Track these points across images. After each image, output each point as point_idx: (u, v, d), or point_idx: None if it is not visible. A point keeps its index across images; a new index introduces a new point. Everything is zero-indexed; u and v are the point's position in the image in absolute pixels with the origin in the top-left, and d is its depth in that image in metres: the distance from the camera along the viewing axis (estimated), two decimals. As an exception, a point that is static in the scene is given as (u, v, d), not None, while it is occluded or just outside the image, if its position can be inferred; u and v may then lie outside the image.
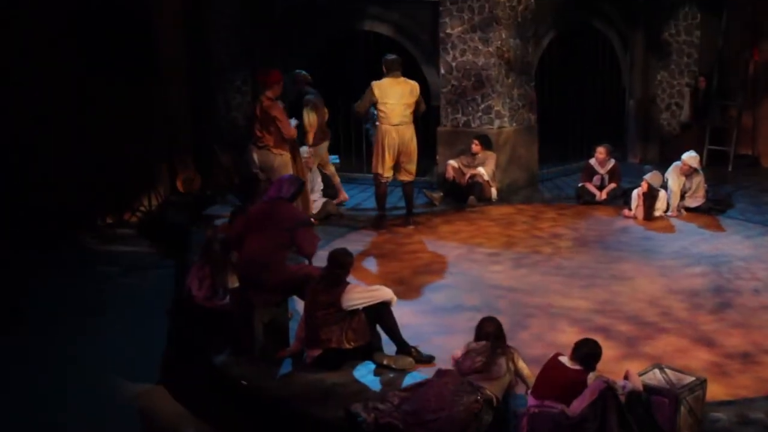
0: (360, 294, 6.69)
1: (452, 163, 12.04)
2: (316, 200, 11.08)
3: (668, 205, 11.16)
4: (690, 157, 11.23)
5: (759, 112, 14.05)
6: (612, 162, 12.09)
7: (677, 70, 14.57)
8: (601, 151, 12.00)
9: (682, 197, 11.27)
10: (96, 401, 6.96)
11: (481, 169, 11.86)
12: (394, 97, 10.34)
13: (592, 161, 12.08)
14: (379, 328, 6.83)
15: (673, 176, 11.21)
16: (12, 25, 9.94)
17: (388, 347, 6.84)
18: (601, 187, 11.92)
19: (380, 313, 6.74)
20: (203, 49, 12.99)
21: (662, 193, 11.12)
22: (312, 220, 9.81)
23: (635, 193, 11.15)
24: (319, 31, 13.46)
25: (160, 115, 11.58)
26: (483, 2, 12.02)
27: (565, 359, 5.75)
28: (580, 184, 12.09)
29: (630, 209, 11.18)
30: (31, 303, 8.77)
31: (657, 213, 11.07)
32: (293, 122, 10.28)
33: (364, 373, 6.66)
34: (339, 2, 13.25)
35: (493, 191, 12.00)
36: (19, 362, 7.52)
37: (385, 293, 6.79)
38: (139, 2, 11.31)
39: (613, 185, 11.91)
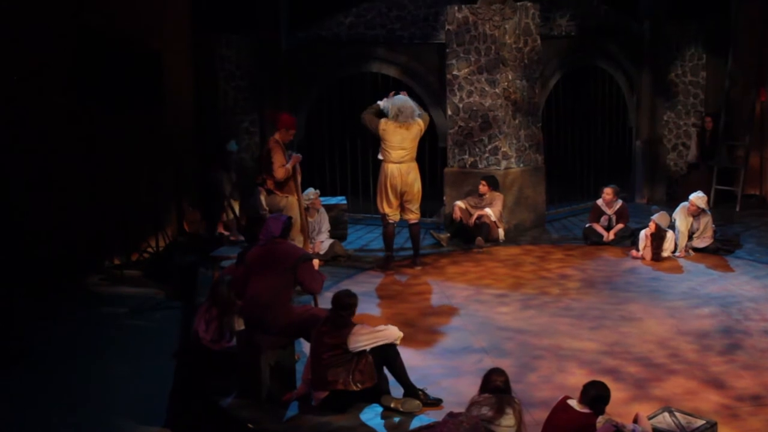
0: (367, 335, 6.66)
1: (459, 203, 12.05)
2: (324, 241, 11.10)
3: (676, 245, 11.14)
4: (697, 197, 11.22)
5: (766, 152, 14.05)
6: (619, 203, 12.08)
7: (684, 111, 14.63)
8: (608, 191, 12.00)
9: (690, 238, 11.26)
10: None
11: (488, 210, 11.86)
12: (396, 140, 10.48)
13: (600, 202, 12.07)
14: (386, 370, 6.80)
15: (681, 217, 11.20)
16: (13, 65, 9.99)
17: (396, 390, 6.81)
18: (608, 228, 11.91)
19: (387, 355, 6.72)
20: (211, 89, 13.07)
21: (670, 234, 11.11)
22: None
23: (643, 233, 11.13)
24: (326, 72, 13.55)
25: (168, 155, 11.62)
26: (489, 44, 12.09)
27: (573, 402, 5.70)
28: (587, 225, 12.07)
29: (638, 250, 11.15)
30: (36, 344, 8.73)
31: (665, 254, 11.04)
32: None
33: (371, 416, 6.62)
34: (347, 44, 13.35)
35: (501, 232, 12.00)
36: (24, 404, 7.48)
37: (392, 332, 6.76)
38: (147, 43, 11.37)
39: (620, 226, 11.88)
